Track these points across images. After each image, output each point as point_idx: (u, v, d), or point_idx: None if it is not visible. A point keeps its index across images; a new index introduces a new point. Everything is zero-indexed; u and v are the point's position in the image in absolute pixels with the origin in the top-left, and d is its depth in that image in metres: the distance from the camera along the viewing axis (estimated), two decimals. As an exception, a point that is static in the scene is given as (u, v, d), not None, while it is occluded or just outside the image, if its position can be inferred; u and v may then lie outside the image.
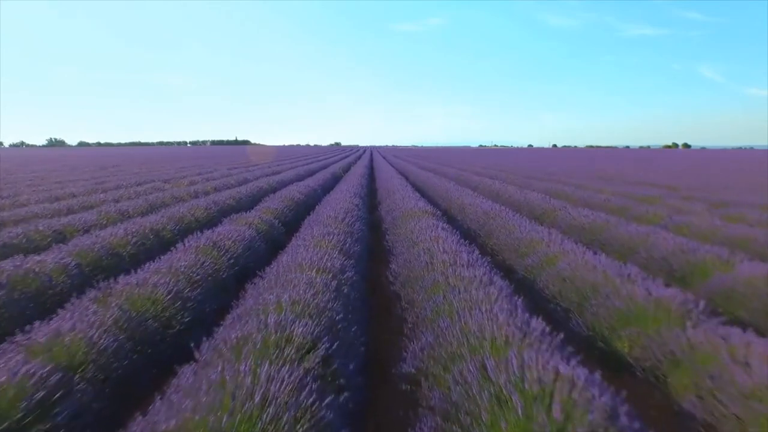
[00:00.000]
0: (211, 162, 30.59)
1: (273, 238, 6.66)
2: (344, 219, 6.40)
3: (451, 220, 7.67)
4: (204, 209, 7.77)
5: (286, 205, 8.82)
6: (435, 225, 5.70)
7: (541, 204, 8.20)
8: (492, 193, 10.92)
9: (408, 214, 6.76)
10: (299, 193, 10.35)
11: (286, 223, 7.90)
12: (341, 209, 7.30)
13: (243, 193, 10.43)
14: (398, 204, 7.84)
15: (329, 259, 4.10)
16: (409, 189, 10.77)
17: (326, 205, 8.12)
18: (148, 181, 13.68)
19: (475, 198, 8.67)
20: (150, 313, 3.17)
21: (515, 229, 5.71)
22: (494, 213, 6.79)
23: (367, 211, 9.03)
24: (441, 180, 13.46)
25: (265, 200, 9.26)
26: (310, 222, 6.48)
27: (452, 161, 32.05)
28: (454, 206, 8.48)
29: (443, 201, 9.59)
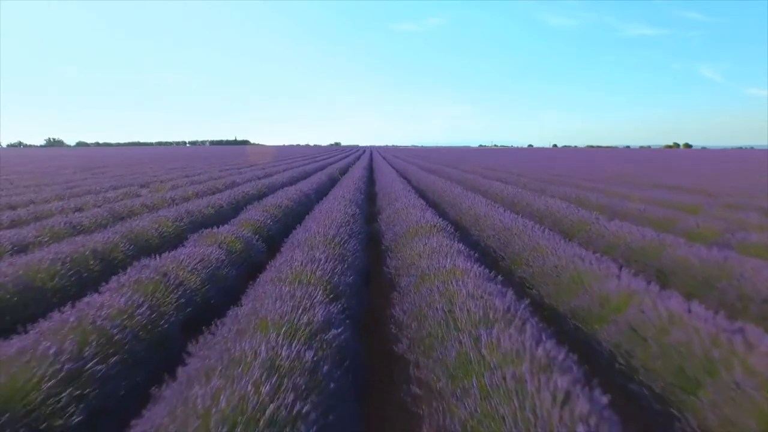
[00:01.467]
0: (205, 163, 29.41)
1: (249, 260, 5.49)
2: (336, 236, 5.22)
3: (465, 235, 6.49)
4: (172, 222, 6.59)
5: (272, 214, 7.65)
6: (448, 247, 4.52)
7: (568, 214, 7.02)
8: (506, 200, 9.73)
9: (413, 229, 5.58)
10: (289, 199, 9.18)
11: (269, 239, 6.72)
12: (334, 222, 6.13)
13: (226, 200, 9.26)
14: (401, 215, 6.66)
15: (309, 307, 2.93)
16: (412, 194, 9.60)
17: (318, 216, 6.95)
18: (126, 185, 12.50)
19: (490, 207, 7.49)
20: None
21: (547, 251, 4.54)
22: (517, 228, 5.62)
23: (364, 221, 7.85)
24: (446, 184, 12.28)
25: (249, 208, 8.09)
26: (295, 239, 5.30)
27: (455, 162, 30.87)
28: (467, 217, 7.30)
29: (452, 210, 8.41)
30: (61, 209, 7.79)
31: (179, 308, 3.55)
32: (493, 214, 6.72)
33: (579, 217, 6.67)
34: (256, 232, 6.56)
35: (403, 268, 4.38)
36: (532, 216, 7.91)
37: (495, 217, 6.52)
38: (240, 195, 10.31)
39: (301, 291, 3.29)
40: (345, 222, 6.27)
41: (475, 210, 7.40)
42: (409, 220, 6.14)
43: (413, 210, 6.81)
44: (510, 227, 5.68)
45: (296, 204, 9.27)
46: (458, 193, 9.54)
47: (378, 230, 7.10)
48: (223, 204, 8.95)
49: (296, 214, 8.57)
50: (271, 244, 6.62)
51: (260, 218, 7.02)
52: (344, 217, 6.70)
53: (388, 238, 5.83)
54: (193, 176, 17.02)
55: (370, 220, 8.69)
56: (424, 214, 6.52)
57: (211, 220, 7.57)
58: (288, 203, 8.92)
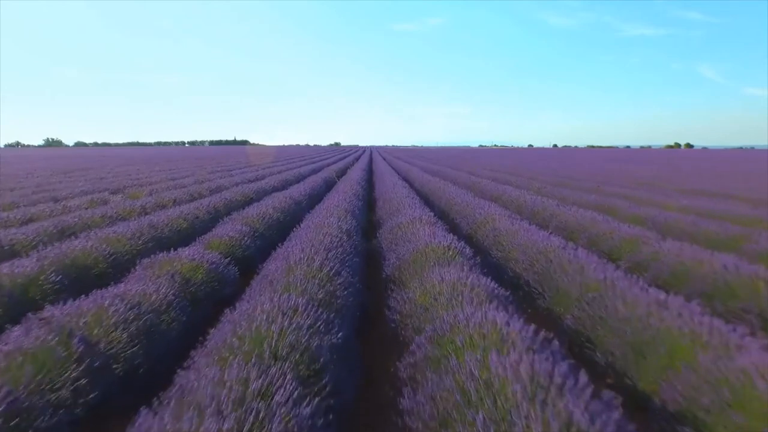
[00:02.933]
0: (198, 164, 28.21)
1: (214, 294, 4.29)
2: (324, 263, 4.03)
3: (484, 256, 5.30)
4: (128, 240, 5.40)
5: (253, 228, 6.46)
6: (472, 285, 3.34)
7: (606, 230, 5.83)
8: (524, 208, 8.52)
9: (423, 253, 4.40)
10: (276, 209, 7.98)
11: (246, 260, 5.54)
12: (324, 240, 4.95)
13: (205, 209, 8.07)
14: (406, 231, 5.46)
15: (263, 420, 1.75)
16: (417, 202, 8.41)
17: (307, 230, 5.77)
18: (99, 190, 11.30)
19: (510, 220, 6.29)
20: None
21: (605, 289, 3.35)
22: (552, 250, 4.43)
23: (362, 236, 6.66)
24: (453, 189, 11.08)
25: (227, 220, 6.90)
26: (270, 270, 4.11)
27: (458, 163, 29.67)
28: (483, 232, 6.10)
29: (464, 221, 7.21)
30: (3, 222, 6.59)
31: (80, 392, 2.36)
32: (517, 230, 5.53)
33: (623, 234, 5.47)
34: (229, 253, 5.37)
35: (414, 317, 3.19)
36: (558, 229, 6.72)
37: (520, 233, 5.33)
38: (222, 202, 9.12)
39: (258, 373, 2.10)
40: (337, 242, 5.08)
41: (493, 223, 6.20)
42: (417, 239, 4.95)
43: (420, 226, 5.62)
44: (544, 250, 4.48)
45: (284, 214, 8.08)
46: (469, 201, 8.34)
47: (378, 249, 5.91)
48: (200, 214, 7.76)
49: (283, 227, 7.38)
50: (249, 266, 5.45)
51: (237, 234, 5.83)
52: (337, 233, 5.51)
53: (390, 263, 4.64)
54: (179, 179, 15.83)
55: (368, 234, 7.50)
56: (433, 230, 5.33)
57: (179, 236, 6.38)
58: (274, 213, 7.73)
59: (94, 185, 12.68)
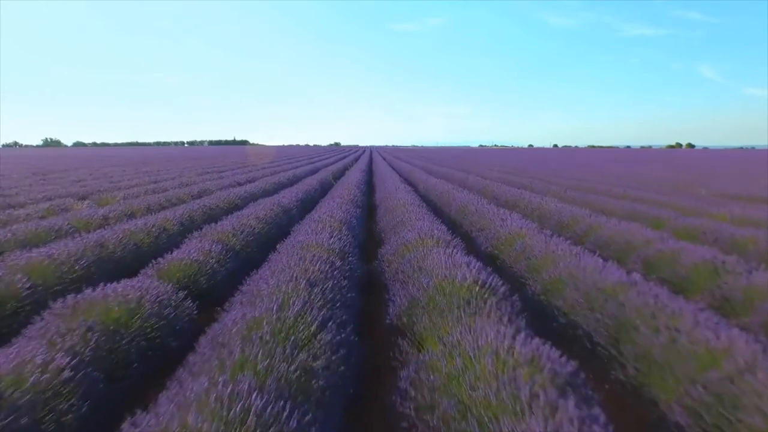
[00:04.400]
0: (190, 165, 27.01)
1: (153, 351, 3.09)
2: (303, 312, 2.83)
3: (519, 288, 4.10)
4: (58, 265, 4.20)
5: (227, 247, 5.27)
6: (529, 362, 2.15)
7: (668, 250, 4.64)
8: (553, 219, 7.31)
9: (441, 292, 3.20)
10: (258, 220, 6.78)
11: (211, 291, 4.35)
12: (309, 270, 3.75)
13: (176, 220, 6.87)
14: (416, 256, 4.26)
15: None
16: (424, 210, 7.21)
17: (289, 254, 4.59)
18: (67, 195, 10.10)
19: (544, 237, 5.09)
20: None
21: (724, 368, 2.18)
22: (621, 289, 3.24)
23: (359, 255, 5.46)
24: (463, 193, 9.89)
25: (198, 235, 5.70)
26: (229, 324, 2.91)
27: (461, 164, 28.48)
28: (513, 255, 4.89)
29: (485, 237, 6.00)
30: None
31: None
32: (557, 251, 4.33)
33: (693, 258, 4.27)
34: (190, 282, 4.18)
35: (442, 416, 1.99)
36: (599, 247, 5.53)
37: (563, 258, 4.14)
38: (200, 210, 7.93)
39: None
40: (327, 268, 3.88)
41: (522, 241, 5.00)
42: (431, 266, 3.75)
43: (433, 245, 4.42)
44: (606, 286, 3.28)
45: (270, 225, 6.88)
46: (485, 210, 7.14)
47: (379, 273, 4.71)
48: (169, 225, 6.56)
49: (266, 242, 6.19)
50: (217, 297, 4.26)
51: (203, 257, 4.63)
52: (327, 256, 4.32)
53: (398, 303, 3.44)
54: (162, 181, 14.63)
55: (368, 250, 6.31)
56: (450, 252, 4.12)
57: (133, 257, 5.19)
58: (257, 225, 6.54)
59: (66, 189, 11.48)
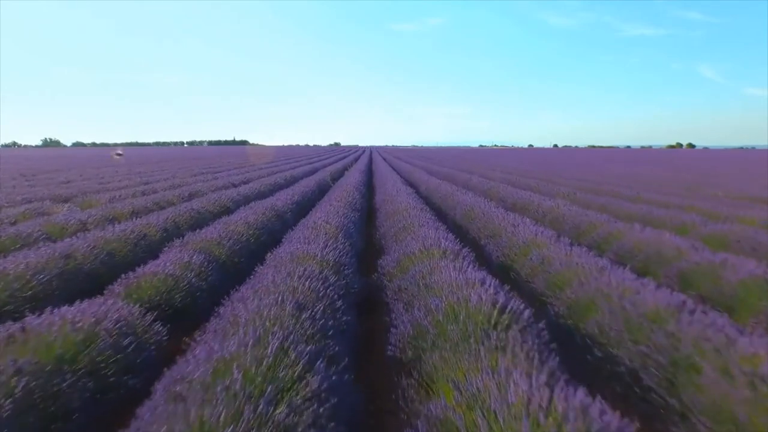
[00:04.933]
0: (186, 165, 26.48)
1: (103, 392, 2.55)
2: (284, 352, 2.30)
3: (541, 308, 3.56)
4: (4, 286, 3.66)
5: (210, 257, 4.73)
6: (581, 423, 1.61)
7: (704, 262, 4.10)
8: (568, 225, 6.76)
9: (454, 318, 2.68)
10: (248, 225, 6.25)
11: (187, 311, 3.81)
12: (298, 290, 3.22)
13: (159, 225, 6.33)
14: (422, 270, 3.71)
15: None
16: (428, 215, 6.68)
17: (277, 267, 4.07)
18: (46, 198, 9.56)
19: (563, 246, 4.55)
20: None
21: None
22: (669, 317, 2.70)
23: (357, 266, 4.92)
24: (468, 195, 9.35)
25: (180, 243, 5.17)
26: (192, 368, 2.37)
27: (462, 164, 27.93)
28: (530, 268, 4.34)
29: (495, 246, 5.46)
30: None
31: None
32: (582, 265, 3.79)
33: (742, 272, 3.73)
34: (161, 301, 3.64)
35: None
36: (622, 257, 4.99)
37: (590, 273, 3.60)
38: (188, 214, 7.39)
39: None
40: (319, 286, 3.35)
41: (540, 252, 4.46)
42: (441, 287, 3.21)
43: (441, 258, 3.88)
44: (653, 314, 2.74)
45: (261, 231, 6.35)
46: (493, 215, 6.60)
47: (379, 287, 4.17)
48: (151, 231, 6.03)
49: (256, 250, 5.66)
50: (192, 317, 3.74)
51: (179, 270, 4.09)
52: (319, 270, 3.78)
53: (401, 333, 2.89)
54: (154, 182, 14.09)
55: (367, 259, 5.78)
56: (461, 266, 3.59)
57: (104, 269, 4.65)
58: (247, 231, 6.01)
59: (51, 191, 10.94)
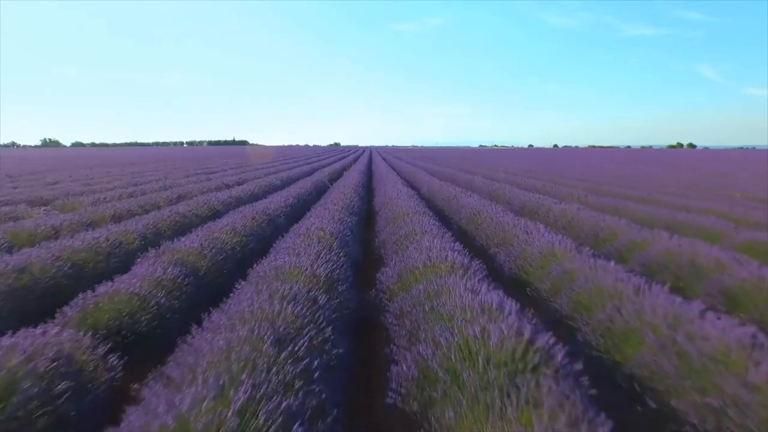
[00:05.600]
0: (182, 165, 25.94)
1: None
2: (257, 401, 1.75)
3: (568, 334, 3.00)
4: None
5: (186, 270, 4.18)
6: None
7: (753, 278, 3.55)
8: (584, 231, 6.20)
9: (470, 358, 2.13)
10: (235, 232, 5.71)
11: (150, 337, 3.25)
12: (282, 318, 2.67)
13: (137, 232, 5.79)
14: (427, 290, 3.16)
15: None
16: (433, 221, 6.13)
17: (260, 282, 3.53)
18: (26, 200, 9.02)
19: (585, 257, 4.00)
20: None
21: None
22: (743, 356, 2.15)
23: (352, 284, 4.36)
24: (473, 198, 8.81)
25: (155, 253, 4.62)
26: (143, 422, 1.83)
27: (464, 164, 27.38)
28: (550, 283, 3.78)
29: (508, 256, 4.90)
30: None
31: None
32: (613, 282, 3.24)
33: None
34: (122, 326, 3.10)
35: None
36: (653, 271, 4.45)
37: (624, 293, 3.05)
38: (172, 219, 6.84)
39: None
40: (306, 311, 2.80)
41: (561, 265, 3.91)
42: (452, 314, 2.66)
43: (450, 275, 3.33)
44: (722, 356, 2.20)
45: (249, 238, 5.81)
46: (503, 220, 6.05)
47: (378, 315, 3.63)
48: (129, 239, 5.48)
49: (241, 259, 5.12)
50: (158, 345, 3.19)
51: (147, 288, 3.54)
52: (309, 289, 3.23)
53: (405, 375, 2.34)
54: (145, 183, 13.56)
55: (364, 273, 5.23)
56: (475, 288, 3.04)
57: (68, 284, 4.09)
58: (233, 239, 5.47)
59: (34, 193, 10.39)
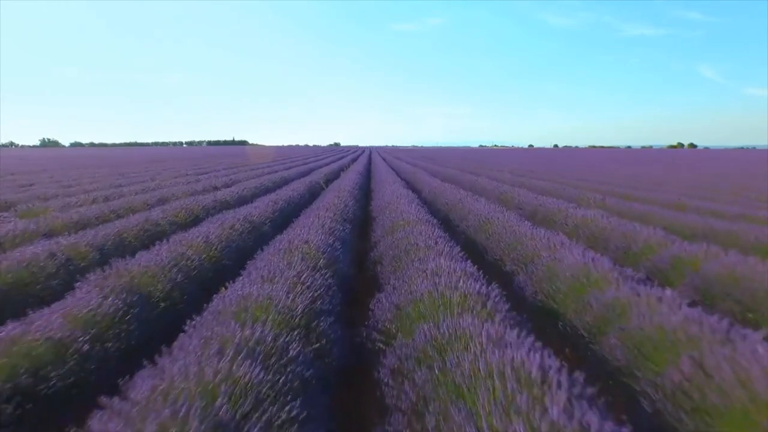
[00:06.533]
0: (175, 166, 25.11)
1: None
2: None
3: (621, 388, 2.17)
4: None
5: (137, 297, 3.34)
6: None
7: None
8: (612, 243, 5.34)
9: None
10: (208, 244, 4.87)
11: (51, 403, 2.41)
12: (228, 383, 1.83)
13: (98, 244, 4.96)
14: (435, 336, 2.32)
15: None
16: (437, 232, 5.29)
17: (215, 323, 2.69)
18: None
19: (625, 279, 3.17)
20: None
21: None
22: None
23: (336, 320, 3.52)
24: (480, 203, 7.97)
25: (98, 277, 3.79)
26: None
27: (466, 164, 26.54)
28: (595, 321, 2.94)
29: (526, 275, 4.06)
30: None
31: None
32: (680, 325, 2.41)
33: None
34: (23, 386, 2.26)
35: None
36: (701, 294, 3.61)
37: (702, 333, 2.22)
38: (141, 227, 6.01)
39: None
40: (258, 391, 1.97)
41: (600, 291, 3.07)
42: (473, 380, 1.82)
43: (470, 322, 2.49)
44: None
45: (222, 252, 4.97)
46: (519, 230, 5.21)
47: (373, 365, 2.79)
48: (80, 254, 4.65)
49: (209, 279, 4.28)
50: (75, 408, 2.35)
51: (67, 329, 2.70)
52: (275, 335, 2.40)
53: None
54: (129, 185, 12.73)
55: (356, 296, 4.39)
56: (503, 337, 2.21)
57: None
58: (202, 254, 4.63)
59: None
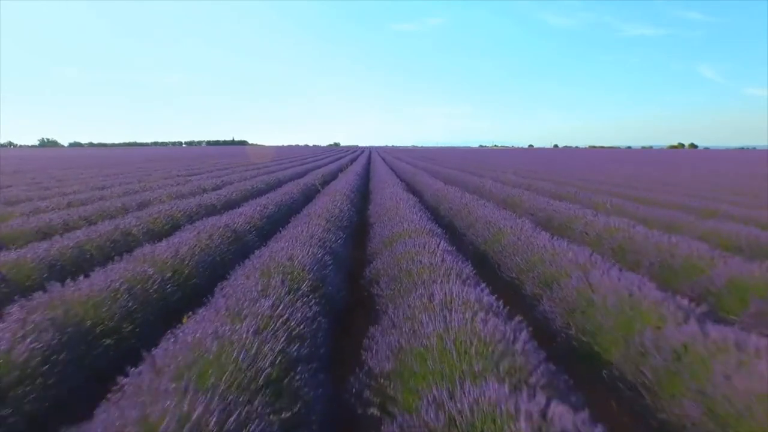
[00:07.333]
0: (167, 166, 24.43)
1: None
2: None
3: None
4: None
5: (65, 337, 2.67)
6: None
7: None
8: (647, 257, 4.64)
9: None
10: (178, 259, 4.18)
11: None
12: None
13: (48, 259, 4.28)
14: (449, 409, 1.64)
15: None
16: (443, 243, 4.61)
17: (166, 377, 1.98)
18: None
19: (675, 309, 2.48)
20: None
21: None
22: None
23: (319, 368, 2.84)
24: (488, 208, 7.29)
25: (19, 309, 3.11)
26: None
27: (467, 165, 25.85)
28: (656, 374, 2.26)
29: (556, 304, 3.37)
30: None
31: None
32: None
33: None
34: None
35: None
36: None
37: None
38: (107, 237, 5.33)
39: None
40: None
41: (654, 330, 2.39)
42: None
43: (495, 391, 1.80)
44: None
45: (193, 268, 4.28)
46: (540, 244, 4.52)
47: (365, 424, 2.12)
48: (23, 272, 3.97)
49: (167, 307, 3.60)
50: None
51: None
52: (233, 400, 1.73)
53: None
54: (113, 187, 12.04)
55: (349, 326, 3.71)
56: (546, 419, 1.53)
57: None
58: (170, 269, 3.94)
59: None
